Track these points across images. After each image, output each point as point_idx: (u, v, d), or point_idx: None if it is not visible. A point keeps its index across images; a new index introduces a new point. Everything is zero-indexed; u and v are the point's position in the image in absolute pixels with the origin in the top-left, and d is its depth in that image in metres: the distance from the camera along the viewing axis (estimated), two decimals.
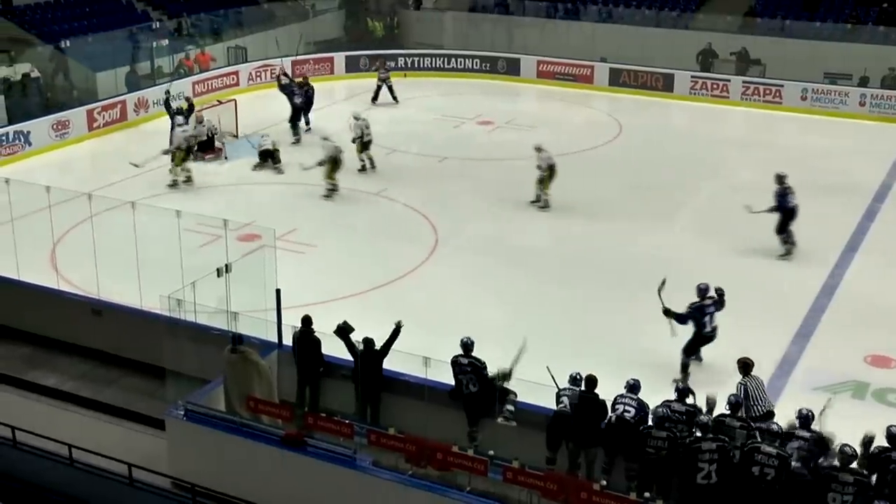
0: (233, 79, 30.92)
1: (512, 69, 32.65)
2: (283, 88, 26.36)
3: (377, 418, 12.01)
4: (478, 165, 23.91)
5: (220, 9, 34.79)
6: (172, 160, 21.87)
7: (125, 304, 15.07)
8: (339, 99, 30.54)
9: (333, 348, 12.41)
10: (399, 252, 18.58)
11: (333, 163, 21.31)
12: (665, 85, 30.74)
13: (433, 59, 33.47)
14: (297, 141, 25.15)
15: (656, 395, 11.30)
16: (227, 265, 13.64)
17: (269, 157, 23.24)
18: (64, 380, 14.30)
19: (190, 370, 12.22)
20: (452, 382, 11.83)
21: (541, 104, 30.59)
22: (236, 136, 25.87)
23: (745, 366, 11.80)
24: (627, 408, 10.97)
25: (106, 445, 11.88)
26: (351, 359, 12.23)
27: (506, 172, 23.38)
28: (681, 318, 13.81)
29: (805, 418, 10.52)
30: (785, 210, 17.92)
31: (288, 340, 12.84)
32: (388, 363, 12.10)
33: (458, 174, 23.30)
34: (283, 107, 26.20)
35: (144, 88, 28.28)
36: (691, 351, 14.06)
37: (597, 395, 11.03)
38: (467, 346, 11.85)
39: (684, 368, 13.97)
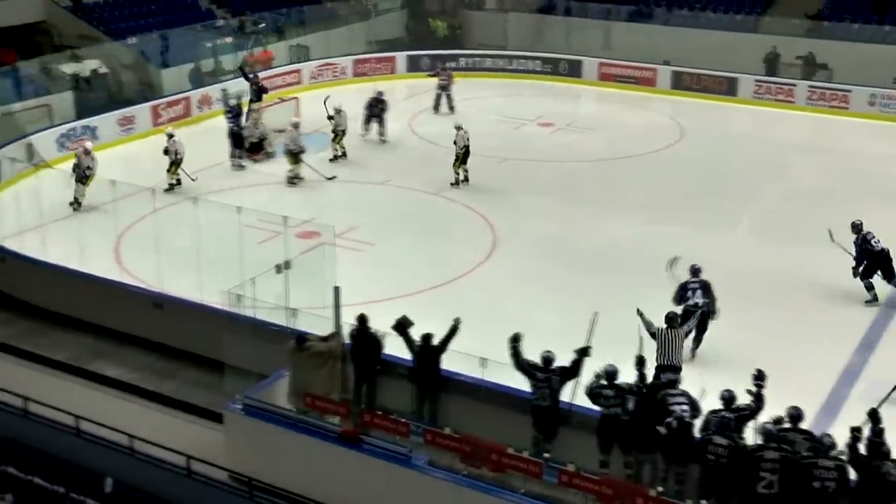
0: (294, 77, 31.16)
1: (573, 71, 32.53)
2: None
3: (434, 417, 12.03)
4: (537, 167, 23.86)
5: (283, 7, 35.09)
6: (168, 169, 21.70)
7: (186, 298, 15.28)
8: (400, 98, 30.61)
9: (392, 347, 12.44)
10: (457, 252, 18.61)
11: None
12: (728, 89, 30.39)
13: (495, 60, 33.43)
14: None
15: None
16: (286, 262, 13.78)
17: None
18: (125, 371, 14.54)
19: (248, 365, 12.34)
20: (509, 384, 11.79)
21: (602, 106, 30.43)
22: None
23: (669, 318, 13.30)
24: (683, 407, 10.82)
25: (165, 436, 12.05)
26: (408, 358, 12.26)
27: (565, 174, 23.31)
28: (677, 295, 14.75)
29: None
30: (872, 255, 16.49)
31: (346, 338, 12.88)
32: (446, 363, 12.10)
33: (517, 175, 23.27)
34: (344, 106, 26.34)
35: (208, 85, 28.62)
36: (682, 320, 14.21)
37: (655, 401, 10.92)
38: (547, 359, 11.55)
39: (695, 344, 14.79)
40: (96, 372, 14.47)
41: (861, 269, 16.52)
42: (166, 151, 21.57)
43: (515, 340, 11.73)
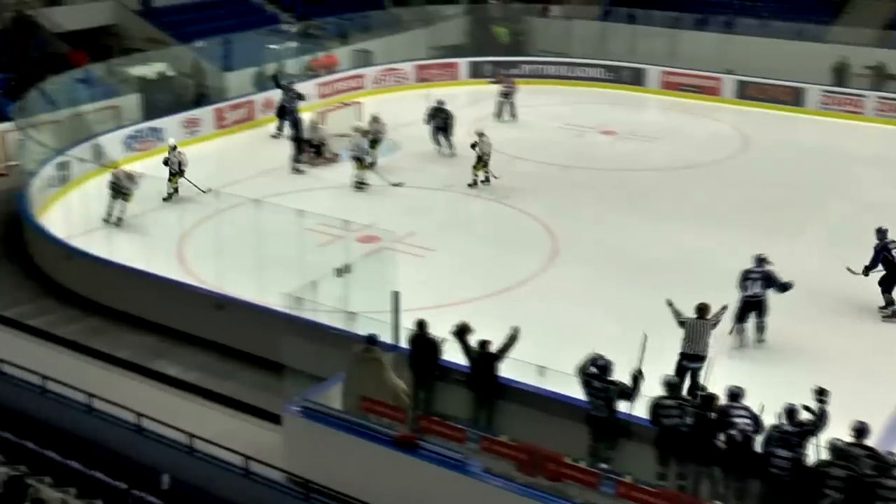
0: (357, 82, 31.38)
1: (636, 79, 32.33)
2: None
3: (490, 424, 12.02)
4: (599, 175, 23.75)
5: (347, 12, 35.36)
6: (169, 179, 21.15)
7: (246, 300, 15.45)
8: (462, 105, 30.62)
9: (450, 353, 12.46)
10: (517, 260, 18.58)
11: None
12: (795, 99, 30.00)
13: (557, 67, 33.35)
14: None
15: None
16: (346, 265, 13.87)
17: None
18: (186, 370, 14.74)
19: (307, 367, 12.42)
20: (566, 393, 11.76)
21: (664, 115, 30.20)
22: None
23: (700, 309, 13.69)
24: (745, 421, 10.69)
25: (223, 436, 12.19)
26: (466, 364, 12.28)
27: (627, 183, 23.17)
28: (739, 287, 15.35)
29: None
30: (891, 266, 16.41)
31: (404, 343, 12.95)
32: (503, 370, 12.09)
33: (579, 184, 23.18)
34: (406, 111, 26.48)
35: (271, 89, 28.92)
36: (740, 315, 15.36)
37: (715, 415, 10.80)
38: (605, 368, 11.44)
39: (737, 332, 15.40)
40: (158, 370, 14.68)
41: (880, 279, 16.46)
42: (166, 162, 21.12)
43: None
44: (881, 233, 16.75)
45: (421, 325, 12.65)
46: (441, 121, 25.27)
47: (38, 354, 14.82)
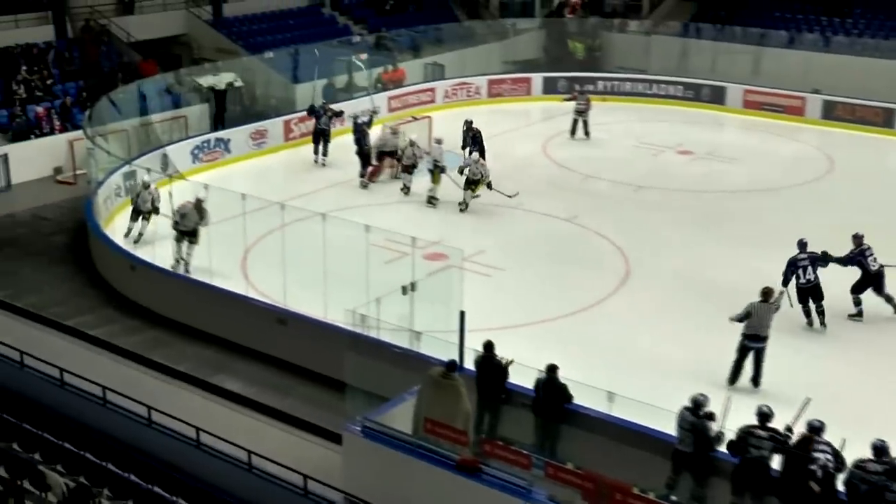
0: (428, 95, 31.53)
1: (717, 97, 32.02)
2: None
3: (556, 451, 11.93)
4: (674, 196, 23.51)
5: (420, 24, 35.59)
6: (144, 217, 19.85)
7: (310, 315, 15.56)
8: (535, 121, 30.67)
9: (516, 376, 12.41)
10: (588, 282, 18.47)
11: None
12: (885, 120, 29.40)
13: (634, 84, 33.16)
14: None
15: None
16: (412, 283, 13.88)
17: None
18: (246, 385, 14.87)
19: (369, 386, 12.46)
20: (635, 420, 11.63)
21: (745, 135, 29.82)
22: (429, 154, 26.31)
23: (765, 293, 14.80)
24: (826, 456, 10.44)
25: (282, 454, 12.27)
26: (532, 387, 12.21)
27: (704, 205, 22.91)
28: (785, 274, 16.63)
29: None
30: (866, 273, 17.12)
31: (470, 364, 12.93)
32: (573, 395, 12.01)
33: (654, 204, 22.98)
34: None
35: (341, 101, 29.17)
36: (801, 300, 16.61)
37: (807, 452, 10.55)
38: (698, 402, 11.24)
39: (806, 314, 16.66)
40: (218, 385, 14.83)
41: (854, 284, 17.24)
42: (136, 198, 19.84)
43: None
44: (857, 239, 17.45)
45: (488, 346, 12.62)
46: (470, 141, 24.71)
47: (100, 365, 15.09)
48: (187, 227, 18.28)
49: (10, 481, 11.53)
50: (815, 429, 10.72)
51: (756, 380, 14.80)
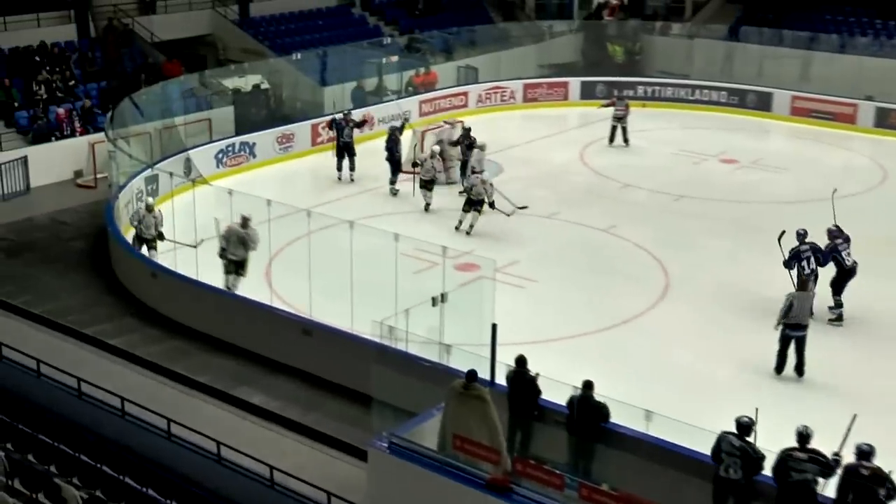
0: (461, 99, 31.61)
1: (763, 104, 31.84)
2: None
3: (590, 471, 11.89)
4: (718, 206, 23.40)
5: (453, 26, 35.65)
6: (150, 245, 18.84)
7: (336, 327, 15.59)
8: (572, 127, 30.64)
9: (550, 393, 12.38)
10: (625, 294, 18.41)
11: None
12: None
13: (675, 90, 33.08)
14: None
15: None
16: (442, 294, 13.88)
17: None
18: (269, 399, 14.90)
19: (397, 401, 12.46)
20: (674, 440, 11.57)
21: (792, 144, 29.67)
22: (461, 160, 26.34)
23: (803, 282, 15.85)
24: (881, 492, 10.30)
25: (305, 470, 12.30)
26: (566, 404, 12.18)
27: (749, 216, 22.80)
28: (787, 264, 17.24)
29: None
30: (841, 269, 17.64)
31: (501, 379, 12.92)
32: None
33: (695, 214, 22.89)
34: (511, 132, 26.53)
35: (371, 105, 29.28)
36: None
37: (871, 476, 10.40)
38: (744, 427, 11.08)
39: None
40: (240, 397, 14.89)
41: (831, 280, 17.64)
42: (139, 224, 18.83)
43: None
44: (832, 234, 17.88)
45: (520, 361, 12.60)
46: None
47: (118, 375, 15.19)
48: (236, 257, 17.53)
49: (26, 494, 11.62)
50: (864, 453, 10.57)
51: (800, 369, 15.55)
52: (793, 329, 15.47)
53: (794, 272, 17.01)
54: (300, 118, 28.00)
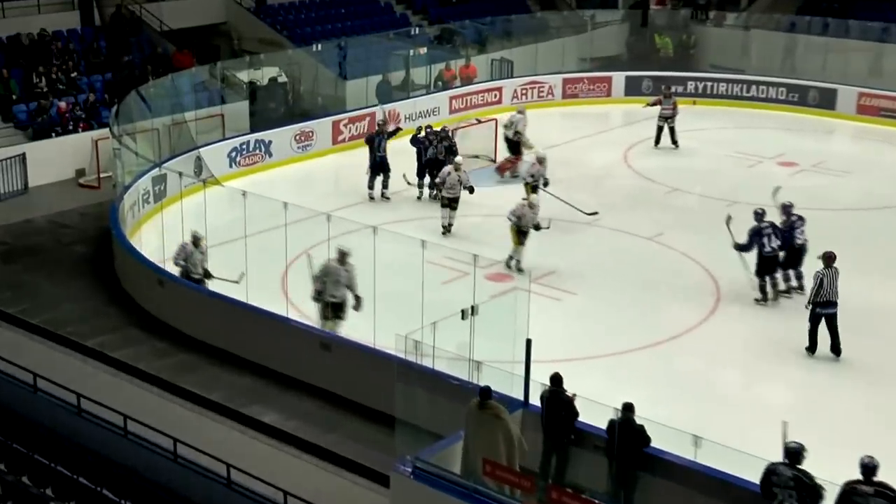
0: (495, 95, 31.64)
1: (826, 101, 31.70)
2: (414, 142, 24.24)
3: (631, 501, 11.86)
4: (774, 214, 23.18)
5: (487, 16, 35.67)
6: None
7: (357, 341, 15.63)
8: (615, 126, 30.60)
9: (588, 415, 12.37)
10: (672, 309, 18.35)
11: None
12: None
13: (729, 86, 32.97)
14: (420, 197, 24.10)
15: None
16: (472, 307, 13.87)
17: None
18: (284, 418, 14.94)
19: (422, 422, 12.48)
20: (725, 469, 11.53)
21: (859, 145, 29.53)
22: (493, 160, 26.40)
23: (828, 258, 16.64)
24: None
25: (323, 496, 12.34)
26: (606, 428, 12.16)
27: (808, 224, 22.59)
28: (744, 247, 18.57)
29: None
30: (792, 247, 18.82)
31: (535, 400, 12.91)
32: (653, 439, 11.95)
33: (749, 222, 22.71)
34: (549, 131, 26.52)
35: (397, 100, 29.34)
36: (762, 272, 18.53)
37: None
38: (794, 454, 11.00)
39: (761, 290, 18.53)
40: (253, 416, 14.94)
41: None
42: (184, 261, 17.81)
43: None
44: (787, 209, 19.21)
45: (556, 380, 12.60)
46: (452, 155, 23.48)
47: (121, 391, 15.27)
48: (336, 298, 16.37)
49: None
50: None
51: (836, 348, 16.55)
52: (823, 307, 16.44)
53: (755, 251, 18.45)
54: (320, 114, 28.13)
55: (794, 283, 18.96)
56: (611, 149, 27.78)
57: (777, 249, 18.56)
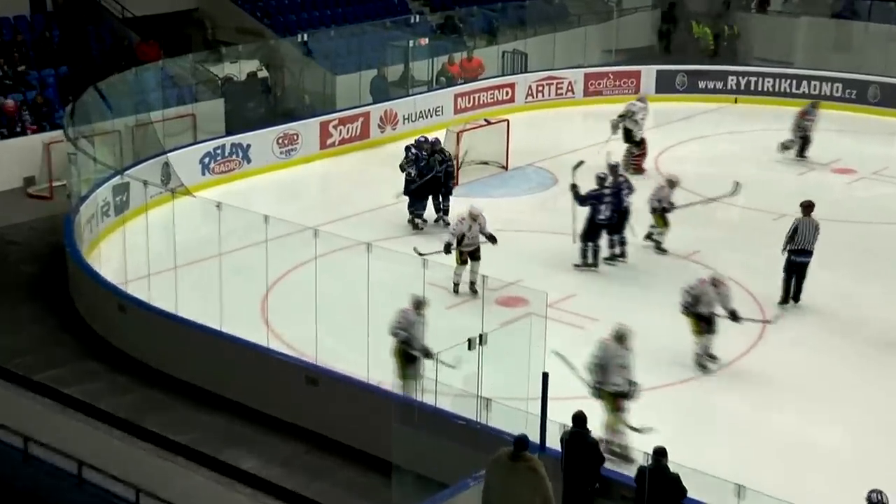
0: (506, 93, 31.67)
1: (889, 99, 31.77)
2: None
3: None
4: (828, 228, 23.11)
5: (498, 2, 35.70)
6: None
7: (348, 374, 15.59)
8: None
9: (615, 460, 12.34)
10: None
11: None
12: None
13: (776, 81, 32.99)
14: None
15: None
16: (480, 335, 13.87)
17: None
18: (264, 464, 14.93)
19: (423, 469, 12.47)
20: None
21: None
22: (504, 168, 26.39)
23: (806, 207, 19.34)
24: None
25: None
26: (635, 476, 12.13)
27: (868, 240, 22.68)
28: (580, 200, 20.60)
29: None
30: (618, 211, 20.87)
31: (554, 443, 12.91)
32: (690, 488, 11.91)
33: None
34: (568, 134, 26.52)
35: (395, 98, 29.34)
36: (588, 237, 20.62)
37: None
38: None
39: (583, 254, 20.70)
40: (228, 462, 14.90)
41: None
42: (406, 329, 15.62)
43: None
44: (614, 169, 21.36)
45: (578, 420, 12.60)
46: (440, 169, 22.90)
47: (76, 433, 15.21)
48: (617, 388, 14.85)
49: None
50: None
51: (797, 296, 19.34)
52: (797, 255, 19.04)
53: (587, 213, 20.43)
54: (307, 115, 28.18)
55: (617, 250, 21.15)
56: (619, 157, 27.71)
57: (608, 220, 20.56)
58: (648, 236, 22.01)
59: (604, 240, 20.96)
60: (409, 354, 15.32)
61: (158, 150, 24.50)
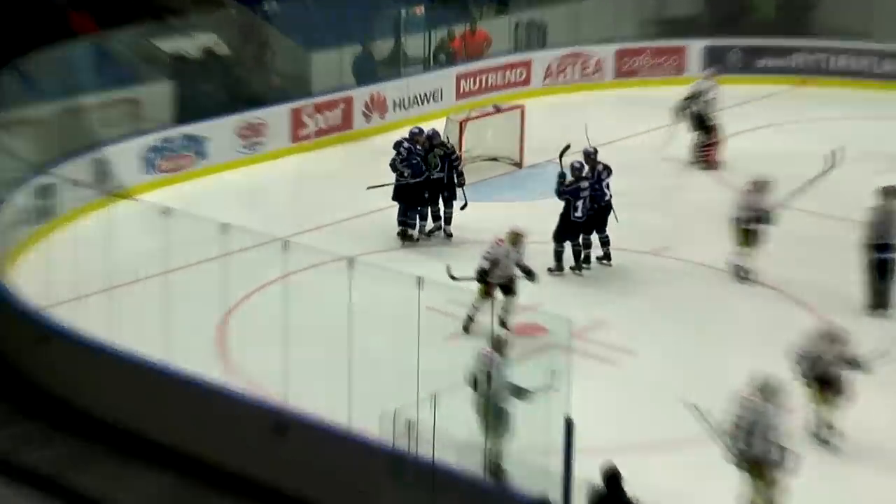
0: (521, 73, 31.75)
1: None
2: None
3: None
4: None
5: None
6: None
7: (324, 421, 15.45)
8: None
9: None
10: (770, 373, 18.17)
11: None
12: None
13: (853, 59, 33.03)
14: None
15: None
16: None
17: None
18: None
19: None
20: None
21: None
22: (519, 165, 26.33)
23: (887, 192, 19.93)
24: None
25: None
26: None
27: None
28: (557, 192, 21.20)
29: None
30: (598, 206, 21.38)
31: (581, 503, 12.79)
32: None
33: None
34: (598, 124, 26.38)
35: (382, 80, 29.30)
36: (562, 236, 21.22)
37: None
38: None
39: (557, 257, 21.25)
40: None
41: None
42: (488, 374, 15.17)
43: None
44: (590, 157, 21.71)
45: (611, 478, 12.58)
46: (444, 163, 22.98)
47: None
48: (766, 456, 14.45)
49: None
50: None
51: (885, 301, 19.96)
52: (880, 251, 19.55)
53: (562, 209, 20.94)
54: (275, 100, 28.21)
55: (600, 252, 21.65)
56: (681, 147, 27.62)
57: (584, 217, 21.05)
58: (737, 269, 21.54)
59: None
60: (498, 408, 14.85)
61: (92, 142, 24.44)
